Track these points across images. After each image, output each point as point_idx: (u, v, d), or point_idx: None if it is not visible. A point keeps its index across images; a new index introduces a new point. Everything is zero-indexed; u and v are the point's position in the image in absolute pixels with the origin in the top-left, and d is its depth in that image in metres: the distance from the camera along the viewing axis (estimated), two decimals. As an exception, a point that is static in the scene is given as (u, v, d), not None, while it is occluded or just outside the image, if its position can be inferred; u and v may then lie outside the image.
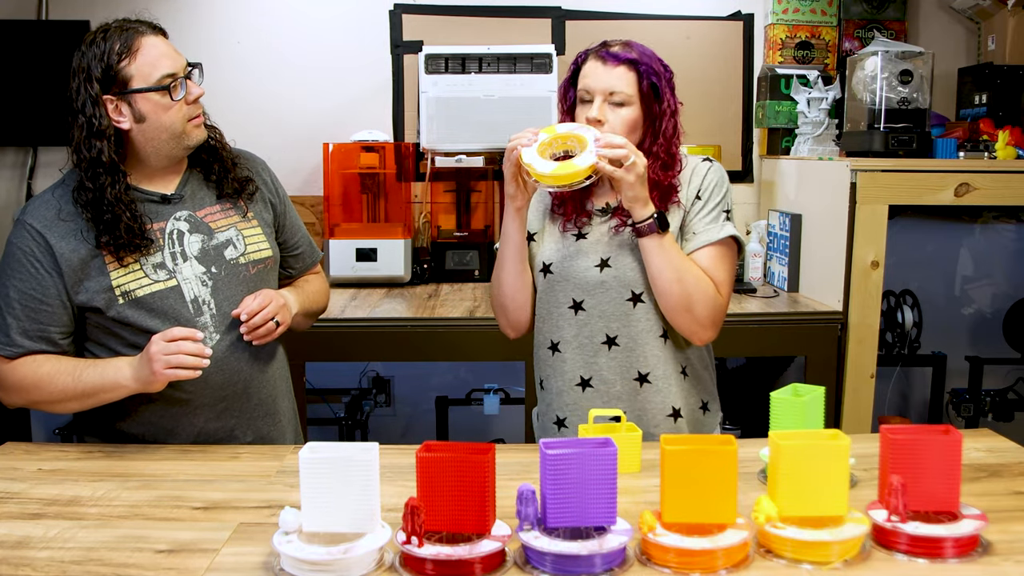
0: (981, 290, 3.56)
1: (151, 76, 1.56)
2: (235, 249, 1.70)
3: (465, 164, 3.06)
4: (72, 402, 1.58)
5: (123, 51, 1.54)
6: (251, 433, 1.72)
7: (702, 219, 1.67)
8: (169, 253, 1.63)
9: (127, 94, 1.55)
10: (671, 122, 1.67)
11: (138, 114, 1.57)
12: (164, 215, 1.64)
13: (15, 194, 3.31)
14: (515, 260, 1.71)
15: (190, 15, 3.27)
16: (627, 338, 1.68)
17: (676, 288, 1.61)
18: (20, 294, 1.57)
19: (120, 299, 1.58)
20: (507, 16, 3.33)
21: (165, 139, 1.60)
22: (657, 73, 1.65)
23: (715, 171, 1.71)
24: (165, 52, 1.58)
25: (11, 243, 1.60)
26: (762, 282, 3.10)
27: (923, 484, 1.17)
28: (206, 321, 1.64)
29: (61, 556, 1.18)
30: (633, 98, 1.63)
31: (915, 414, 3.58)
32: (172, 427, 1.66)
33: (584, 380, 1.71)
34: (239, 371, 1.68)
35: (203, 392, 1.64)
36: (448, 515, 1.13)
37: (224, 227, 1.70)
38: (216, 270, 1.66)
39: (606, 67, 1.63)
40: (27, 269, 1.57)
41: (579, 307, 1.70)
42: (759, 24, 3.39)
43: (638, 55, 1.64)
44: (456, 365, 3.46)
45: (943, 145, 2.73)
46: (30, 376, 1.57)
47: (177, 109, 1.58)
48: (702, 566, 1.11)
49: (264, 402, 1.74)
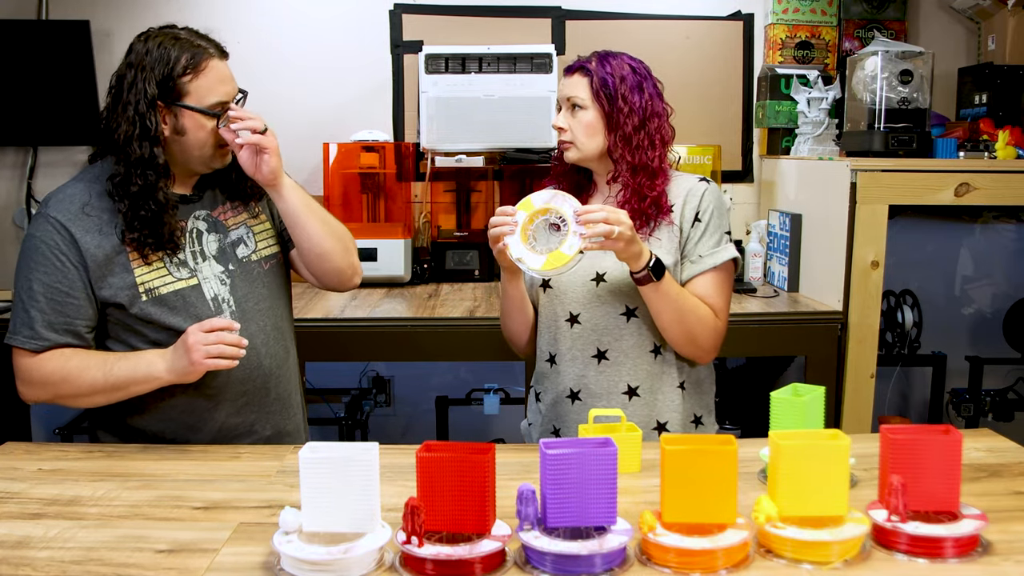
0: (981, 290, 3.56)
1: (205, 99, 1.58)
2: (246, 247, 1.72)
3: (465, 164, 3.06)
4: (100, 396, 1.58)
5: (188, 67, 1.57)
6: (269, 427, 1.74)
7: (704, 243, 1.69)
8: (190, 252, 1.65)
9: (178, 107, 1.57)
10: (632, 120, 1.65)
11: (179, 128, 1.59)
12: (184, 214, 1.66)
13: (15, 194, 3.31)
14: (518, 310, 1.78)
15: (190, 15, 3.27)
16: (618, 352, 1.70)
17: (678, 327, 1.64)
18: (45, 287, 1.57)
19: (143, 296, 1.59)
20: (507, 16, 3.33)
21: (195, 156, 1.62)
22: (612, 74, 1.66)
23: (712, 192, 1.72)
24: (223, 79, 1.62)
25: (33, 236, 1.59)
26: (762, 282, 3.10)
27: (923, 484, 1.17)
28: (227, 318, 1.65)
29: (61, 556, 1.18)
30: (587, 101, 1.68)
31: (915, 414, 3.58)
32: (194, 422, 1.66)
33: (574, 393, 1.73)
34: (259, 366, 1.70)
35: (226, 387, 1.66)
36: (448, 515, 1.13)
37: (235, 225, 1.72)
38: (232, 268, 1.69)
39: (566, 78, 1.73)
40: (52, 262, 1.57)
41: (575, 320, 1.72)
42: (759, 24, 3.39)
43: (597, 62, 1.68)
44: (456, 365, 3.46)
45: (943, 145, 2.73)
46: (59, 370, 1.56)
47: (215, 134, 1.61)
48: (702, 566, 1.11)
49: (281, 396, 1.76)
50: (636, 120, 1.66)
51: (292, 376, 1.82)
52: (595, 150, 1.69)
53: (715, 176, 3.20)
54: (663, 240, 1.69)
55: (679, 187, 1.72)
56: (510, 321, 1.80)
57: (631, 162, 1.66)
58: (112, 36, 3.26)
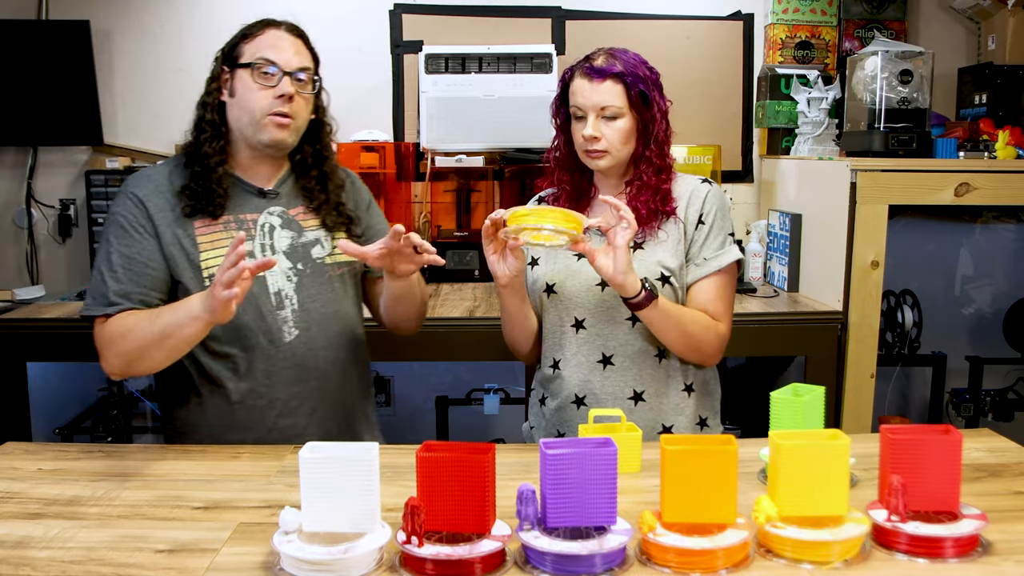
0: (981, 290, 3.56)
1: (252, 55, 1.64)
2: (322, 249, 1.73)
3: (465, 164, 3.06)
4: (154, 349, 1.55)
5: (248, 33, 1.67)
6: (322, 434, 1.71)
7: (709, 245, 1.70)
8: (259, 244, 1.67)
9: (233, 69, 1.65)
10: (663, 124, 1.69)
11: (232, 89, 1.65)
12: (259, 208, 1.69)
13: (15, 194, 3.31)
14: (518, 324, 1.76)
15: (190, 15, 3.27)
16: (623, 357, 1.70)
17: (681, 340, 1.65)
18: (123, 258, 1.60)
19: (206, 281, 1.61)
20: (507, 16, 3.33)
21: (246, 122, 1.65)
22: (644, 79, 1.66)
23: (716, 194, 1.73)
24: (278, 44, 1.65)
25: (113, 212, 1.65)
26: (762, 282, 3.10)
27: (923, 484, 1.17)
28: (287, 315, 1.66)
29: (61, 556, 1.18)
30: (624, 109, 1.65)
31: (915, 414, 3.58)
32: (245, 420, 1.66)
33: (579, 398, 1.72)
34: (315, 368, 1.69)
35: (277, 386, 1.66)
36: (448, 515, 1.13)
37: (313, 227, 1.73)
38: (302, 267, 1.69)
39: (593, 84, 1.65)
40: (130, 235, 1.62)
41: (580, 326, 1.71)
42: (759, 24, 3.39)
43: (623, 66, 1.65)
44: (456, 365, 3.46)
45: (943, 145, 2.73)
46: (118, 328, 1.57)
47: (262, 96, 1.63)
48: (702, 566, 1.11)
49: (338, 404, 1.74)
50: (665, 123, 1.69)
51: (356, 386, 1.79)
52: (627, 156, 1.69)
53: (715, 176, 3.19)
54: (670, 237, 1.69)
55: (682, 187, 1.73)
56: (511, 333, 1.79)
57: (658, 164, 1.68)
58: (112, 36, 3.26)
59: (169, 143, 3.28)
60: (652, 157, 1.67)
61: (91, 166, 3.24)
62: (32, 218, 3.30)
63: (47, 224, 3.31)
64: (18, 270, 3.33)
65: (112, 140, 3.29)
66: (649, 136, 1.67)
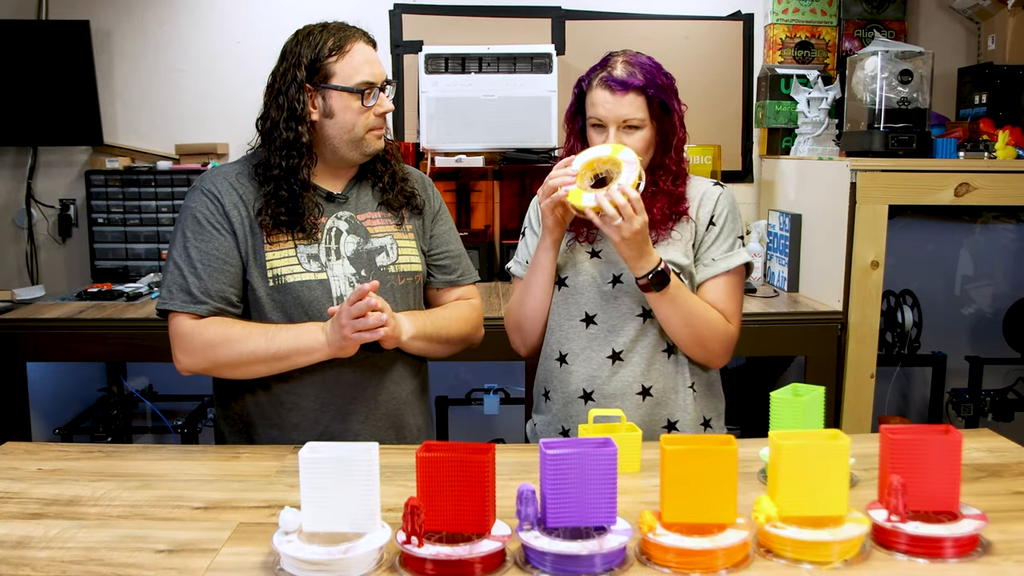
0: (981, 290, 3.56)
1: (351, 78, 1.63)
2: (387, 257, 1.71)
3: (465, 164, 3.06)
4: (261, 365, 1.58)
5: (334, 48, 1.63)
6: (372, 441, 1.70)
7: (719, 247, 1.70)
8: (324, 248, 1.66)
9: (325, 88, 1.62)
10: (681, 132, 1.70)
11: (328, 110, 1.63)
12: (327, 212, 1.68)
13: (15, 194, 3.31)
14: (544, 287, 1.73)
15: (190, 15, 3.27)
16: (632, 352, 1.70)
17: (686, 331, 1.65)
18: (202, 254, 1.60)
19: (271, 281, 1.62)
20: (507, 16, 3.33)
21: (345, 140, 1.65)
22: (663, 88, 1.66)
23: (727, 197, 1.74)
24: (370, 60, 1.66)
25: (188, 207, 1.65)
26: (762, 282, 3.10)
27: (923, 484, 1.17)
28: None
29: (61, 556, 1.18)
30: (646, 121, 1.65)
31: (915, 414, 3.58)
32: (298, 421, 1.66)
33: (587, 393, 1.72)
34: (370, 375, 1.68)
35: (332, 390, 1.65)
36: (448, 515, 1.13)
37: (381, 234, 1.72)
38: (366, 273, 1.68)
39: (615, 96, 1.64)
40: (207, 230, 1.62)
41: (591, 321, 1.71)
42: (759, 24, 3.39)
43: (644, 77, 1.64)
44: (456, 365, 3.46)
45: (943, 145, 2.73)
46: (221, 334, 1.57)
47: (363, 115, 1.64)
48: (702, 566, 1.11)
49: (391, 413, 1.72)
50: (683, 130, 1.70)
51: (411, 396, 1.76)
52: (645, 165, 1.68)
53: (715, 176, 3.20)
54: (683, 236, 1.70)
55: (694, 189, 1.74)
56: (529, 298, 1.73)
57: (675, 172, 1.69)
58: (112, 36, 3.26)
59: (169, 143, 3.29)
60: (670, 165, 1.69)
61: (91, 166, 3.24)
62: (32, 218, 3.30)
63: (47, 224, 3.32)
64: (18, 270, 3.33)
65: (112, 140, 3.29)
66: (669, 144, 1.69)
